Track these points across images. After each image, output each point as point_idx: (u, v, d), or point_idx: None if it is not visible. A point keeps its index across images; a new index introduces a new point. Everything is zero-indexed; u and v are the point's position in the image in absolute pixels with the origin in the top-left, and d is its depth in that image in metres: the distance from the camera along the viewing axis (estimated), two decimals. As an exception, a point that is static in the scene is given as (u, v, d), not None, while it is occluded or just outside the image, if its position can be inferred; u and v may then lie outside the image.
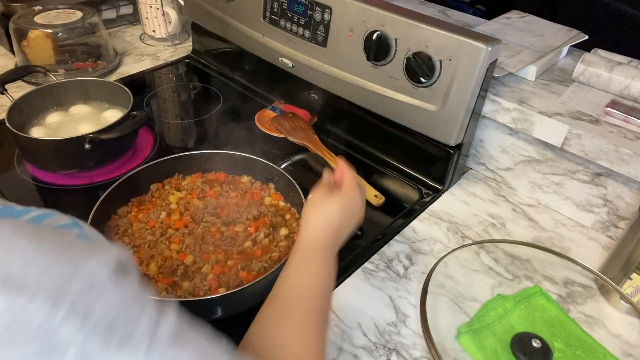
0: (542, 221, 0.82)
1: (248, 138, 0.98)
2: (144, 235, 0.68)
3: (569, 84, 0.86)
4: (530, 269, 0.73)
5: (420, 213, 0.82)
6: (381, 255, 0.74)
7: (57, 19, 1.12)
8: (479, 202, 0.85)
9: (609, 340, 0.63)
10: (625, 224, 0.78)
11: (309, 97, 1.02)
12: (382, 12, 0.78)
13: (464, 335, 0.62)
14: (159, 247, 0.67)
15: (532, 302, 0.67)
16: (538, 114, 0.77)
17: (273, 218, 0.72)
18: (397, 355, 0.60)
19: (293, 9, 0.90)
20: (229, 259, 0.66)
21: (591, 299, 0.69)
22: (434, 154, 0.85)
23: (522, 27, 1.00)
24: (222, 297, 0.58)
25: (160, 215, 0.71)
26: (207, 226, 0.70)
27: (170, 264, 0.64)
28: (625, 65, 0.83)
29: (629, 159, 0.70)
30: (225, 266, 0.65)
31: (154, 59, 1.25)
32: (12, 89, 0.93)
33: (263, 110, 1.02)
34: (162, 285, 0.61)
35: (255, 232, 0.70)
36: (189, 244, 0.67)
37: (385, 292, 0.68)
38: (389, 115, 0.85)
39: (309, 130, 0.95)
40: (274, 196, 0.77)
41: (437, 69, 0.75)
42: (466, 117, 0.77)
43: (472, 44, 0.71)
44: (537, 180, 0.85)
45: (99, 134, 0.79)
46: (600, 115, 0.77)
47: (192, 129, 1.03)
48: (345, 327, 0.63)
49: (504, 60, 0.86)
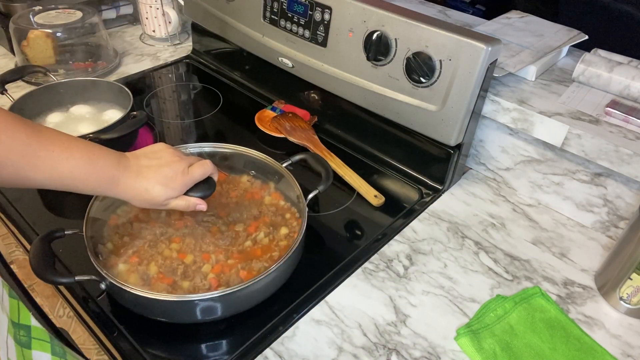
0: (542, 221, 0.82)
1: (248, 138, 0.98)
2: (144, 235, 0.68)
3: (569, 84, 0.86)
4: (529, 270, 0.73)
5: (420, 213, 0.82)
6: (381, 255, 0.74)
7: (57, 19, 1.12)
8: (479, 202, 0.85)
9: (608, 341, 0.64)
10: (625, 224, 0.78)
11: (309, 97, 1.02)
12: (382, 12, 0.78)
13: (463, 336, 0.62)
14: (159, 246, 0.67)
15: (531, 303, 0.67)
16: (538, 114, 0.77)
17: (273, 217, 0.72)
18: (397, 355, 0.60)
19: (293, 9, 0.90)
20: (229, 259, 0.66)
21: (591, 299, 0.69)
22: (434, 154, 0.85)
23: (522, 27, 1.00)
24: (222, 296, 0.58)
25: (160, 215, 0.71)
26: (207, 226, 0.70)
27: (170, 264, 0.64)
28: (625, 65, 0.83)
29: (629, 159, 0.70)
30: (226, 265, 0.65)
31: (154, 59, 1.25)
32: (12, 89, 0.93)
33: (263, 110, 1.02)
34: (162, 285, 0.61)
35: (255, 231, 0.70)
36: (189, 244, 0.67)
37: (385, 292, 0.68)
38: (388, 115, 0.85)
39: (309, 130, 0.95)
40: (274, 196, 0.77)
41: (437, 69, 0.75)
42: (466, 117, 0.77)
43: (472, 44, 0.71)
44: (537, 180, 0.85)
45: (99, 134, 0.79)
46: (600, 115, 0.77)
47: (192, 129, 1.03)
48: (345, 327, 0.63)
49: (504, 60, 0.86)
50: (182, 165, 0.60)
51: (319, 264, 0.72)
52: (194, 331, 0.63)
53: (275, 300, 0.65)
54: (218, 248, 0.67)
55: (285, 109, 1.02)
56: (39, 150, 0.50)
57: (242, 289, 0.58)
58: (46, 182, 0.52)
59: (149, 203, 0.59)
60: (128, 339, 0.61)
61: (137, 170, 0.58)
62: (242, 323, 0.63)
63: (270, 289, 0.65)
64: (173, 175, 0.59)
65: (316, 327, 0.63)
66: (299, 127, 0.95)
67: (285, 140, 0.94)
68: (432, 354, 0.61)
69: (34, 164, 0.50)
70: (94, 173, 0.54)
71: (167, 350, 0.61)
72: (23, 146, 0.49)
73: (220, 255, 0.66)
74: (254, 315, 0.64)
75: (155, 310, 0.61)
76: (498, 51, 0.74)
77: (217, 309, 0.61)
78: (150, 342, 0.62)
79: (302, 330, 0.63)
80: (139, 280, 0.62)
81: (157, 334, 0.62)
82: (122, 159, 0.58)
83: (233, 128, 1.04)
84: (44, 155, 0.50)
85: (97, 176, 0.54)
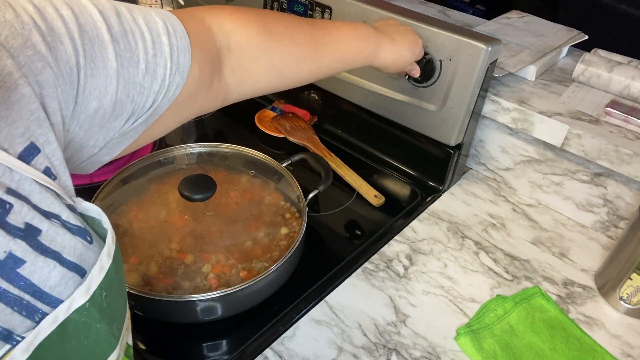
0: (542, 221, 0.82)
1: (248, 138, 0.98)
2: (144, 235, 0.68)
3: (569, 84, 0.86)
4: (529, 270, 0.73)
5: (420, 213, 0.82)
6: (381, 255, 0.74)
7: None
8: (479, 202, 0.85)
9: (608, 341, 0.64)
10: (625, 224, 0.78)
11: (309, 97, 1.02)
12: (382, 12, 0.78)
13: (463, 336, 0.62)
14: (159, 246, 0.66)
15: (531, 303, 0.67)
16: (538, 114, 0.77)
17: (273, 217, 0.72)
18: (397, 355, 0.60)
19: (293, 9, 0.90)
20: (229, 259, 0.66)
21: (591, 299, 0.69)
22: (434, 154, 0.85)
23: (522, 27, 1.00)
24: (222, 296, 0.58)
25: (160, 215, 0.71)
26: (207, 226, 0.70)
27: (170, 264, 0.64)
28: (625, 65, 0.83)
29: (629, 159, 0.70)
30: (226, 266, 0.65)
31: (154, 59, 1.24)
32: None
33: (263, 110, 1.02)
34: (163, 285, 0.61)
35: (255, 231, 0.70)
36: (189, 244, 0.67)
37: (385, 292, 0.68)
38: (388, 115, 0.85)
39: (309, 130, 0.95)
40: (273, 196, 0.77)
41: (437, 69, 0.75)
42: (466, 117, 0.77)
43: (472, 44, 0.71)
44: (537, 180, 0.85)
45: (99, 133, 0.79)
46: (600, 115, 0.77)
47: (192, 128, 1.03)
48: (345, 327, 0.63)
49: (504, 60, 0.86)
50: (416, 33, 0.69)
51: (319, 264, 0.72)
52: (194, 331, 0.63)
53: (275, 300, 0.65)
54: (218, 248, 0.67)
55: (285, 109, 1.02)
56: (322, 37, 0.56)
57: (242, 289, 0.59)
58: (333, 64, 0.58)
59: (399, 68, 0.68)
60: (128, 339, 0.61)
61: (390, 36, 0.64)
62: (242, 323, 0.63)
63: (270, 289, 0.65)
64: (416, 40, 0.68)
65: (316, 327, 0.63)
66: (299, 127, 0.95)
67: (285, 140, 0.94)
68: (432, 354, 0.61)
69: (322, 50, 0.56)
70: (365, 44, 0.61)
71: (167, 350, 0.61)
72: (310, 37, 0.54)
73: (220, 255, 0.66)
74: (254, 315, 0.64)
75: (155, 310, 0.61)
76: (498, 51, 0.74)
77: (217, 309, 0.61)
78: (150, 342, 0.62)
79: (302, 330, 0.63)
80: (139, 280, 0.62)
81: (157, 334, 0.62)
82: (375, 28, 0.63)
83: (233, 128, 1.04)
84: (327, 40, 0.56)
85: (367, 46, 0.61)
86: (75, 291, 0.29)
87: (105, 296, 0.31)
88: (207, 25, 0.46)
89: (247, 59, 0.50)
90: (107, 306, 0.31)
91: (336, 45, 0.57)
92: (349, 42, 0.58)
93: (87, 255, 0.31)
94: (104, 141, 0.38)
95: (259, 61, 0.50)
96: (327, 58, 0.56)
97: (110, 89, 0.35)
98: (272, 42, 0.51)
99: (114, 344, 0.33)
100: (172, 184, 0.78)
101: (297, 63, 0.54)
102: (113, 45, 0.35)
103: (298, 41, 0.53)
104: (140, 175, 0.76)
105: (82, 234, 0.31)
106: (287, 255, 0.62)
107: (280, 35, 0.52)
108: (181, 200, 0.75)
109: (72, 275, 0.29)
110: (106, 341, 0.32)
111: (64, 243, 0.29)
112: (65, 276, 0.29)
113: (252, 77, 0.51)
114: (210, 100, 0.49)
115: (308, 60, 0.55)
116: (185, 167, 0.80)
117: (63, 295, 0.29)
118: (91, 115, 0.35)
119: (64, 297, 0.29)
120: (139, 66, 0.37)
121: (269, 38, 0.50)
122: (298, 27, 0.54)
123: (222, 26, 0.47)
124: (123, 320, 0.35)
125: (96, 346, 0.31)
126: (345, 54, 0.58)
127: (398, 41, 0.65)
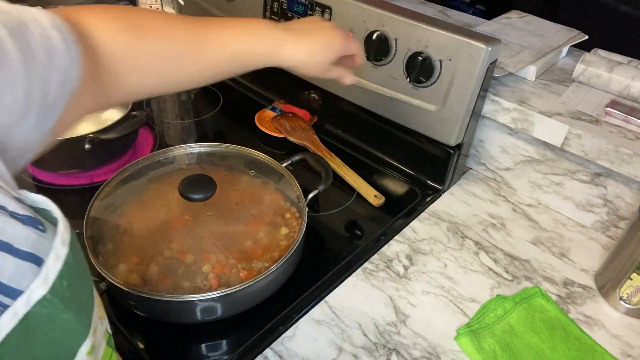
0: (542, 221, 0.82)
1: (248, 138, 0.98)
2: (144, 235, 0.68)
3: (569, 84, 0.86)
4: (529, 270, 0.73)
5: (420, 213, 0.82)
6: (381, 255, 0.74)
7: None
8: (479, 202, 0.85)
9: (608, 341, 0.64)
10: (625, 224, 0.78)
11: (309, 97, 1.02)
12: (382, 12, 0.78)
13: (463, 336, 0.62)
14: (159, 246, 0.66)
15: (531, 303, 0.67)
16: (538, 114, 0.77)
17: (273, 217, 0.72)
18: (397, 355, 0.60)
19: (293, 9, 0.90)
20: (229, 259, 0.66)
21: (591, 299, 0.69)
22: (434, 154, 0.85)
23: (522, 27, 1.00)
24: (222, 296, 0.58)
25: (160, 215, 0.71)
26: (207, 226, 0.70)
27: (170, 264, 0.64)
28: (625, 65, 0.83)
29: (629, 159, 0.70)
30: (226, 266, 0.65)
31: (154, 59, 1.24)
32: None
33: (263, 110, 1.02)
34: (163, 285, 0.61)
35: (255, 231, 0.70)
36: (189, 244, 0.67)
37: (385, 292, 0.68)
38: (388, 115, 0.85)
39: (309, 130, 0.95)
40: (273, 196, 0.77)
41: (437, 69, 0.75)
42: (466, 117, 0.77)
43: (472, 44, 0.71)
44: (537, 180, 0.85)
45: (99, 134, 0.79)
46: (600, 115, 0.77)
47: (192, 129, 1.03)
48: (345, 327, 0.63)
49: (504, 60, 0.86)
50: (338, 29, 0.61)
51: (319, 264, 0.72)
52: (194, 331, 0.63)
53: (275, 300, 0.65)
54: (218, 248, 0.67)
55: (285, 109, 1.02)
56: (207, 34, 0.53)
57: (243, 289, 0.59)
58: (221, 64, 0.54)
59: (315, 67, 0.61)
60: (128, 339, 0.61)
61: (297, 33, 0.58)
62: (242, 323, 0.63)
63: (270, 289, 0.65)
64: (332, 35, 0.60)
65: (316, 327, 0.63)
66: (299, 127, 0.95)
67: (285, 140, 0.94)
68: (432, 354, 0.61)
69: (205, 49, 0.52)
70: (260, 42, 0.56)
71: (167, 350, 0.61)
72: (190, 35, 0.52)
73: (220, 255, 0.66)
74: (254, 315, 0.64)
75: (155, 310, 0.61)
76: (498, 51, 0.74)
77: (218, 309, 0.61)
78: (150, 342, 0.62)
79: (302, 330, 0.63)
80: (139, 280, 0.62)
81: (157, 334, 0.62)
82: (279, 24, 0.59)
83: (233, 128, 1.04)
84: (212, 37, 0.53)
85: (262, 44, 0.56)
86: (32, 283, 0.29)
87: (67, 285, 0.31)
88: (75, 23, 0.43)
89: (119, 57, 0.47)
90: (70, 296, 0.31)
91: (224, 44, 0.54)
92: (241, 41, 0.54)
93: (42, 244, 0.30)
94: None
95: (132, 59, 0.48)
96: (212, 56, 0.53)
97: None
98: (143, 40, 0.48)
99: (84, 333, 0.32)
100: (172, 184, 0.78)
101: (176, 61, 0.51)
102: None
103: (175, 38, 0.50)
104: (140, 175, 0.76)
105: (33, 223, 0.30)
106: (287, 255, 0.62)
107: (152, 32, 0.49)
108: (181, 200, 0.75)
109: (29, 265, 0.29)
110: (76, 331, 0.32)
111: (14, 233, 0.29)
112: (21, 266, 0.28)
113: (129, 76, 0.49)
114: (92, 100, 0.46)
115: (189, 58, 0.52)
116: (185, 167, 0.80)
117: (22, 285, 0.28)
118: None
119: (23, 288, 0.28)
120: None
121: (137, 34, 0.48)
122: (175, 25, 0.51)
123: (87, 26, 0.44)
124: (91, 309, 0.34)
125: (66, 337, 0.31)
126: (236, 52, 0.55)
127: (308, 37, 0.58)
